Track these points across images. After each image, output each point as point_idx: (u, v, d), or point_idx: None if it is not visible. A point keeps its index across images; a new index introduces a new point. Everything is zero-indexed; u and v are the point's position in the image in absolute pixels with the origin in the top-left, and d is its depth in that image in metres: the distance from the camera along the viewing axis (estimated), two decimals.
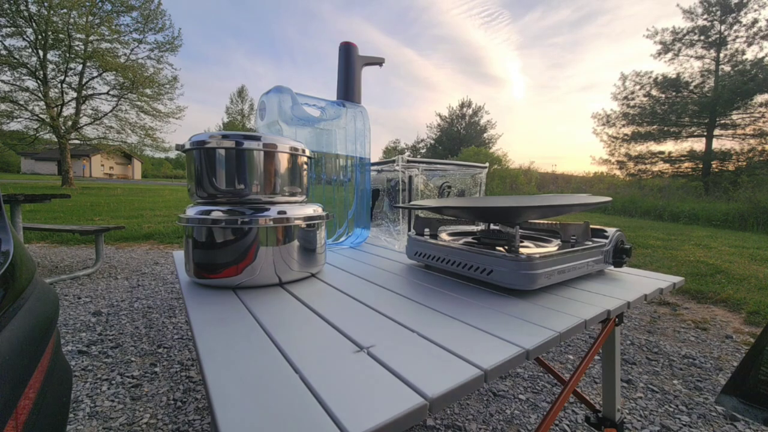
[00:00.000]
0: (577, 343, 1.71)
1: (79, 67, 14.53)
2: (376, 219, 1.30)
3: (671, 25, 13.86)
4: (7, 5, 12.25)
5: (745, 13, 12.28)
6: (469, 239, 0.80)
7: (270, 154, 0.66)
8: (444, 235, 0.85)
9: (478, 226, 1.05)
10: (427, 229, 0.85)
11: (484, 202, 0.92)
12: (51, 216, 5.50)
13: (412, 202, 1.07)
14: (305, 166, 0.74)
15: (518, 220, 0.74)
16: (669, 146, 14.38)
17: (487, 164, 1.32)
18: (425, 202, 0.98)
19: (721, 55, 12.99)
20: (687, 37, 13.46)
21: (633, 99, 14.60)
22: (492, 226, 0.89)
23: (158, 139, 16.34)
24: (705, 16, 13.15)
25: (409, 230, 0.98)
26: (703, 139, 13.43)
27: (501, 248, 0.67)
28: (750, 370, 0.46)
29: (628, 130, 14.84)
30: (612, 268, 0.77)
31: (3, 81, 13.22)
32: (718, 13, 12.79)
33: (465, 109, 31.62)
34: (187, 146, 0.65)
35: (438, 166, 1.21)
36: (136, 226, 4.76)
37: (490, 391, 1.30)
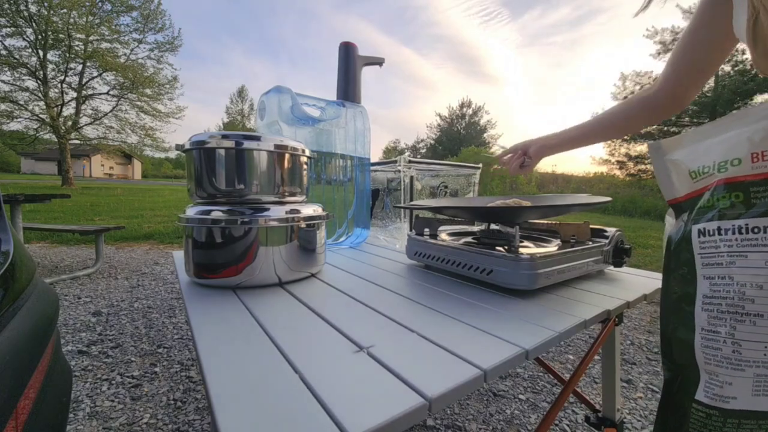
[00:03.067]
0: (577, 343, 1.71)
1: (79, 67, 14.54)
2: (376, 219, 1.30)
3: (671, 25, 13.80)
4: (7, 5, 12.25)
5: None
6: (469, 239, 0.80)
7: (270, 154, 0.65)
8: (444, 235, 0.85)
9: (478, 226, 1.05)
10: (427, 229, 0.85)
11: (484, 202, 0.92)
12: (51, 216, 5.50)
13: (412, 202, 1.07)
14: (305, 166, 0.74)
15: (518, 220, 0.74)
16: None
17: (480, 165, 1.33)
18: (425, 202, 0.98)
19: None
20: None
21: None
22: (492, 226, 0.88)
23: (158, 139, 16.35)
24: None
25: (410, 230, 0.98)
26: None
27: (501, 248, 0.67)
28: None
29: None
30: (612, 268, 0.77)
31: (3, 81, 13.22)
32: None
33: (465, 109, 31.65)
34: (187, 146, 0.65)
35: (432, 166, 1.22)
36: (136, 226, 4.76)
37: (490, 391, 1.30)
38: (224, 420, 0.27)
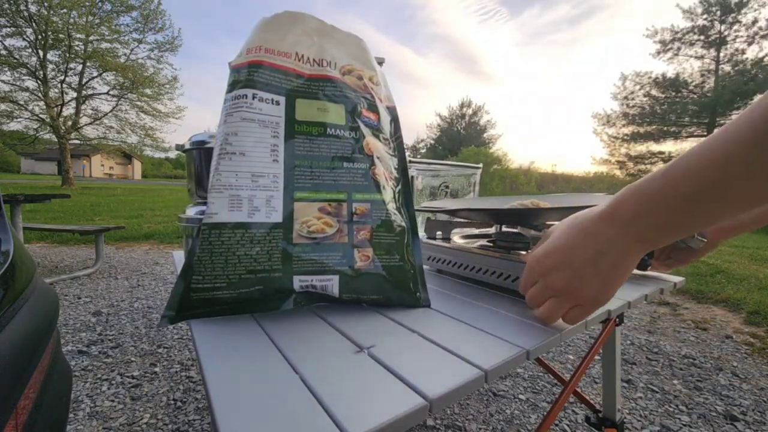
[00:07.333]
0: (577, 343, 1.71)
1: (79, 67, 14.55)
2: None
3: (670, 24, 13.81)
4: (7, 5, 12.25)
5: (745, 13, 12.27)
6: (484, 242, 0.76)
7: None
8: (456, 238, 0.82)
9: (483, 228, 1.03)
10: (439, 233, 0.81)
11: (499, 203, 0.89)
12: (51, 216, 5.50)
13: (423, 204, 1.03)
14: None
15: (536, 222, 0.71)
16: (669, 146, 14.36)
17: (481, 165, 1.33)
18: (441, 203, 0.94)
19: (721, 54, 12.97)
20: (687, 36, 13.45)
21: (633, 99, 14.59)
22: (504, 228, 0.85)
23: (158, 139, 16.34)
24: (705, 16, 13.14)
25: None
26: (703, 139, 13.40)
27: (521, 252, 0.64)
28: (183, 285, 0.47)
29: (628, 130, 14.84)
30: None
31: (3, 81, 13.23)
32: (718, 12, 12.78)
33: (465, 109, 31.67)
34: (187, 146, 0.65)
35: (433, 166, 1.22)
36: (136, 226, 4.76)
37: (490, 391, 1.30)
38: (224, 420, 0.27)
